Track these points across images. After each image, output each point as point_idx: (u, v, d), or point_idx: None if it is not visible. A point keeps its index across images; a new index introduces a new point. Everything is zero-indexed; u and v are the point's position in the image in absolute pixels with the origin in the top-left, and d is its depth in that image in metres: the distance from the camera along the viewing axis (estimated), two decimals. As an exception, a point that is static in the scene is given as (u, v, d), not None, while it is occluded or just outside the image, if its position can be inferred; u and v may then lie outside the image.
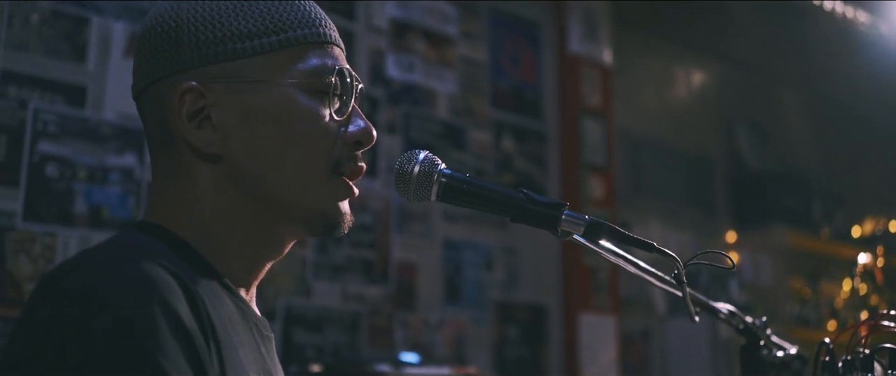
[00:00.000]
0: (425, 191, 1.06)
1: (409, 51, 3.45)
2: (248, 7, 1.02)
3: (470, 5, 3.70)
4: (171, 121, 1.00)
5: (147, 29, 1.04)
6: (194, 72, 1.00)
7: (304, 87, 1.02)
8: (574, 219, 1.05)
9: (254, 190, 1.01)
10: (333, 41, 1.07)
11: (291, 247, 1.07)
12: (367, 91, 3.28)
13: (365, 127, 1.06)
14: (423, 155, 1.08)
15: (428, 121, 3.46)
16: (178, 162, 1.02)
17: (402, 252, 3.30)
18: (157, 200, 1.03)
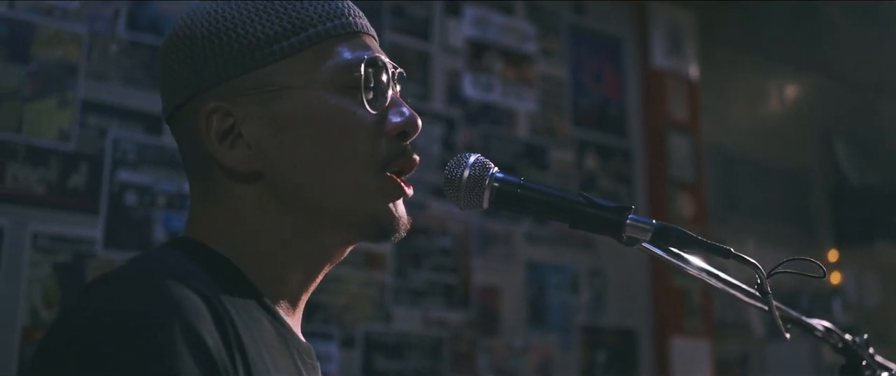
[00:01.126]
0: (476, 197, 0.98)
1: (486, 70, 3.39)
2: (266, 9, 0.95)
3: (549, 22, 3.62)
4: (202, 144, 0.94)
5: (164, 47, 0.99)
6: (217, 89, 0.94)
7: (333, 85, 0.94)
8: (640, 224, 0.95)
9: (299, 202, 0.94)
10: (362, 29, 0.99)
11: (370, 273, 0.99)
12: (443, 113, 3.23)
13: (408, 115, 0.97)
14: (473, 158, 0.99)
15: (508, 141, 3.39)
16: (216, 184, 0.96)
17: (484, 275, 3.22)
18: (197, 217, 0.98)
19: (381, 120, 0.96)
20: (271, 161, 0.93)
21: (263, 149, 0.94)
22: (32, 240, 2.37)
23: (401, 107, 0.98)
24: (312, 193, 0.94)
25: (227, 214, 0.95)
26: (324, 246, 0.97)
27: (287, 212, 0.94)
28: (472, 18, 3.39)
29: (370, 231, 0.96)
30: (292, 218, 0.94)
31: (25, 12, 2.44)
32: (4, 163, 2.35)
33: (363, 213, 0.95)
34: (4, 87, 2.38)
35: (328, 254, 0.98)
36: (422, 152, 3.09)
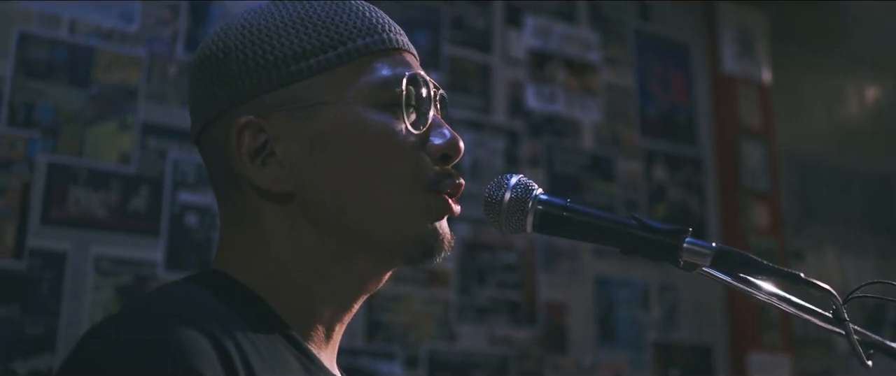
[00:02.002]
0: (519, 221, 0.92)
1: (549, 81, 3.32)
2: (303, 22, 0.90)
3: (613, 29, 3.54)
4: (232, 162, 0.89)
5: (196, 62, 0.94)
6: (250, 104, 0.89)
7: (372, 101, 0.89)
8: (698, 248, 0.87)
9: (335, 225, 0.89)
10: (402, 46, 0.94)
11: (434, 291, 0.93)
12: (506, 125, 3.17)
13: (450, 137, 0.92)
14: (515, 179, 0.93)
15: (572, 152, 3.30)
16: (246, 206, 0.91)
17: (551, 291, 3.13)
18: (225, 246, 0.93)
19: (422, 141, 0.90)
20: (305, 181, 0.88)
21: (297, 168, 0.88)
22: (95, 264, 2.38)
23: (442, 129, 0.92)
24: (350, 216, 0.88)
25: (257, 239, 0.90)
26: (359, 272, 0.91)
27: (321, 236, 0.89)
28: (533, 28, 3.33)
29: (413, 253, 0.90)
30: (326, 242, 0.89)
31: (85, 36, 2.46)
32: (67, 187, 2.37)
33: (406, 235, 0.89)
34: (66, 112, 2.40)
35: (363, 282, 0.92)
36: (484, 165, 3.03)
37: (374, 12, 0.94)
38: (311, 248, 0.89)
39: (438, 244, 0.91)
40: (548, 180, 3.20)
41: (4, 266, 2.25)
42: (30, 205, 2.32)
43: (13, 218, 2.29)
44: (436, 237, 0.90)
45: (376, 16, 0.94)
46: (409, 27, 2.98)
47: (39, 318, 2.27)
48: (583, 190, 3.27)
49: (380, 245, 0.89)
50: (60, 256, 2.33)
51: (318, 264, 0.89)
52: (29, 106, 2.36)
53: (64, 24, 2.44)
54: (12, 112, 2.33)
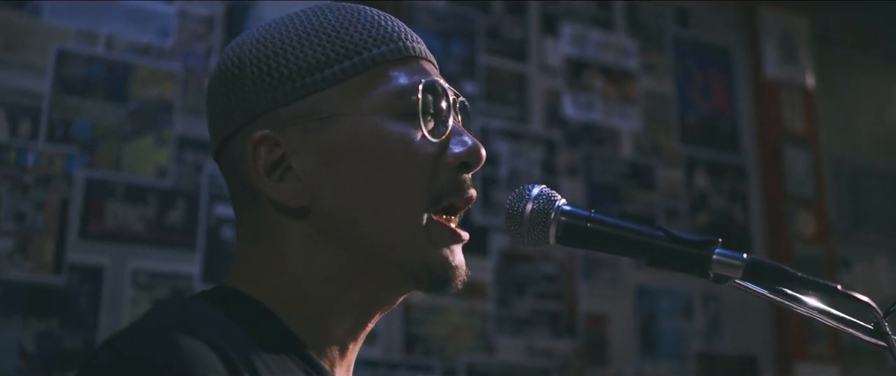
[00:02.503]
0: (541, 233, 0.88)
1: (586, 89, 3.28)
2: (316, 33, 0.88)
3: (651, 36, 3.49)
4: (249, 177, 0.87)
5: (212, 79, 0.93)
6: (265, 118, 0.87)
7: (388, 111, 0.86)
8: (728, 259, 0.83)
9: (348, 240, 0.86)
10: (419, 54, 0.91)
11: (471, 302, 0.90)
12: (543, 134, 3.13)
13: (471, 145, 0.88)
14: (537, 190, 0.90)
15: (611, 161, 3.26)
16: (264, 221, 0.89)
17: (591, 302, 3.09)
18: (241, 262, 0.91)
19: (441, 150, 0.87)
20: (321, 195, 0.86)
21: (314, 181, 0.86)
22: (132, 277, 2.39)
23: (463, 137, 0.89)
24: (362, 230, 0.86)
25: (273, 255, 0.88)
26: (373, 292, 0.89)
27: (335, 253, 0.87)
28: (569, 36, 3.29)
29: (423, 279, 0.87)
30: (340, 259, 0.87)
31: (122, 52, 2.48)
32: (104, 202, 2.39)
33: (413, 259, 0.86)
34: (103, 127, 2.42)
35: (378, 301, 0.90)
36: (521, 176, 3.00)
37: (389, 21, 0.92)
38: (327, 265, 0.87)
39: (448, 276, 0.87)
40: (586, 190, 3.16)
41: (44, 281, 2.28)
42: (68, 220, 2.34)
43: (52, 233, 2.31)
44: (445, 268, 0.87)
45: (392, 24, 0.92)
46: (444, 38, 2.99)
47: (78, 332, 2.28)
48: (622, 199, 3.22)
49: (389, 265, 0.87)
50: (98, 270, 2.35)
51: (333, 281, 0.87)
52: (67, 122, 2.38)
53: (100, 41, 2.46)
54: (51, 128, 2.36)
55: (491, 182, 2.99)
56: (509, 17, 3.18)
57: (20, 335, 2.22)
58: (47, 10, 2.42)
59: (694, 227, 3.35)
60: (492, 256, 2.93)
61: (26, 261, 2.27)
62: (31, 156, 2.33)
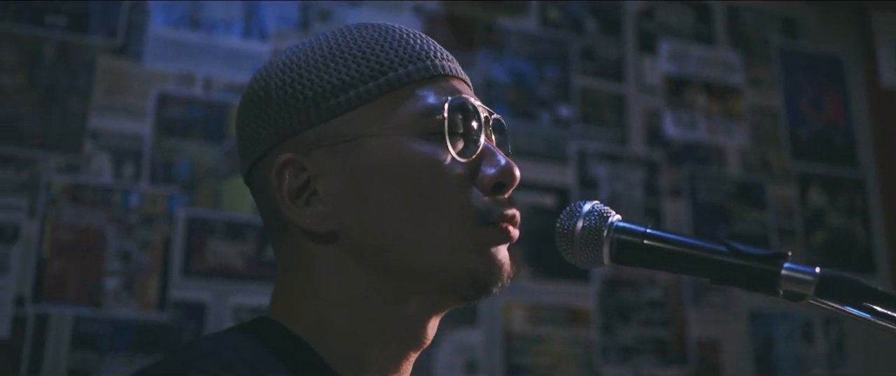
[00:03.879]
0: (594, 252, 0.83)
1: (688, 107, 3.17)
2: (342, 54, 0.86)
3: (756, 49, 3.35)
4: (275, 203, 0.86)
5: (241, 103, 0.92)
6: (290, 142, 0.85)
7: (416, 131, 0.83)
8: (799, 274, 0.76)
9: (381, 264, 0.83)
10: (449, 72, 0.88)
11: (574, 330, 0.86)
12: (643, 155, 3.04)
13: (504, 165, 0.85)
14: (588, 206, 0.85)
15: (718, 180, 3.13)
16: (295, 249, 0.86)
17: (701, 328, 2.96)
18: (277, 293, 0.89)
19: (472, 170, 0.84)
20: (350, 219, 0.83)
21: (341, 205, 0.84)
22: (234, 312, 2.42)
23: (495, 156, 0.86)
24: (396, 253, 0.83)
25: (306, 284, 0.85)
26: (410, 315, 0.85)
27: (369, 277, 0.84)
28: (668, 53, 3.20)
29: (465, 290, 0.84)
30: (375, 283, 0.84)
31: (219, 92, 2.54)
32: (205, 240, 2.44)
33: (456, 272, 0.83)
34: (203, 167, 2.48)
35: (415, 326, 0.86)
36: (622, 199, 2.92)
37: (418, 39, 0.90)
38: (360, 290, 0.84)
39: (494, 276, 0.84)
40: (691, 210, 3.04)
41: (149, 318, 2.33)
42: (171, 258, 2.40)
43: (156, 271, 2.37)
44: (489, 270, 0.84)
45: (421, 42, 0.89)
46: (537, 61, 2.95)
47: (182, 368, 2.32)
48: (731, 219, 3.09)
49: (428, 283, 0.84)
50: (201, 307, 2.39)
51: (368, 307, 0.84)
52: (168, 163, 2.45)
53: (198, 82, 2.53)
54: (153, 170, 2.43)
55: (591, 206, 2.91)
56: (604, 37, 3.12)
57: (127, 371, 2.28)
58: (147, 55, 2.50)
59: (811, 247, 3.19)
60: (594, 282, 2.85)
61: (132, 299, 2.33)
62: (135, 197, 2.40)
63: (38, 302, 2.25)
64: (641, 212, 2.98)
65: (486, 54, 2.92)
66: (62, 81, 2.41)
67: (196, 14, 2.59)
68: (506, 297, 2.72)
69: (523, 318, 2.74)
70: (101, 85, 2.44)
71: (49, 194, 2.32)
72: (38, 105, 2.37)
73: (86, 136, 2.39)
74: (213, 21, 2.60)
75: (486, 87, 2.88)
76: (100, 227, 2.35)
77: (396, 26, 0.91)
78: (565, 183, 2.92)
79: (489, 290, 0.84)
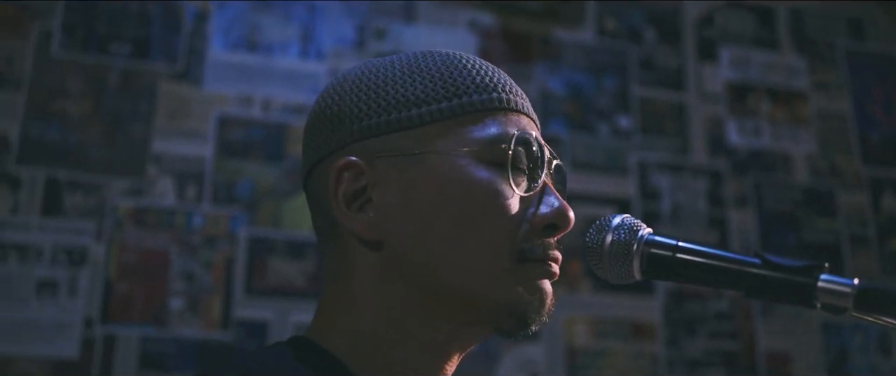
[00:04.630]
0: (624, 266, 0.81)
1: (752, 114, 3.10)
2: (419, 72, 0.87)
3: (821, 52, 3.27)
4: (330, 206, 0.85)
5: (312, 110, 0.93)
6: (355, 146, 0.85)
7: (479, 157, 0.83)
8: (836, 286, 0.73)
9: (422, 281, 0.83)
10: (519, 108, 0.88)
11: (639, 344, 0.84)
12: (706, 165, 2.99)
13: (559, 206, 0.84)
14: (617, 220, 0.83)
15: (784, 188, 3.06)
16: (340, 254, 0.87)
17: (771, 339, 2.89)
18: (318, 307, 0.89)
19: (527, 207, 0.84)
20: (399, 231, 0.83)
21: (392, 216, 0.83)
22: (295, 330, 2.44)
23: (551, 197, 0.85)
24: (438, 273, 0.82)
25: (345, 292, 0.85)
26: (446, 335, 0.84)
27: (409, 292, 0.83)
28: (729, 60, 3.14)
29: (504, 323, 0.83)
30: (414, 298, 0.83)
31: (278, 113, 2.58)
32: (266, 259, 2.47)
33: (496, 303, 0.82)
34: (263, 187, 2.52)
35: (451, 345, 0.85)
36: (685, 210, 2.87)
37: (494, 72, 0.90)
38: (400, 303, 0.84)
39: (534, 310, 0.83)
40: (758, 219, 2.97)
41: (213, 337, 2.37)
42: (233, 277, 2.43)
43: (219, 291, 2.41)
44: (532, 302, 0.83)
45: (497, 76, 0.90)
46: (595, 72, 2.92)
47: (246, 387, 2.35)
48: (800, 227, 3.01)
49: (466, 308, 0.83)
50: (263, 325, 2.42)
51: (405, 321, 0.84)
52: (229, 184, 2.49)
53: (257, 104, 2.57)
54: (215, 191, 2.47)
55: (653, 217, 2.87)
56: (663, 46, 3.08)
57: (193, 390, 2.32)
58: (207, 79, 2.55)
59: (885, 255, 3.08)
60: (658, 295, 2.80)
61: (196, 318, 2.37)
62: (198, 218, 2.44)
63: (106, 323, 2.30)
64: (705, 223, 2.92)
65: (543, 67, 2.90)
66: (126, 108, 2.47)
67: (253, 37, 2.63)
68: (568, 311, 2.70)
69: (586, 332, 2.71)
70: (163, 110, 2.50)
71: (115, 218, 2.38)
72: (103, 131, 2.44)
73: (149, 160, 2.45)
74: (270, 43, 2.64)
75: (543, 99, 2.87)
76: (164, 249, 2.40)
77: (474, 57, 0.92)
78: (626, 194, 2.88)
79: (527, 327, 0.83)
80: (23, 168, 2.36)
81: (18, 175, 2.35)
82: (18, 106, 2.40)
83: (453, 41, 2.80)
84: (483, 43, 2.86)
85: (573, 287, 2.72)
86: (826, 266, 0.74)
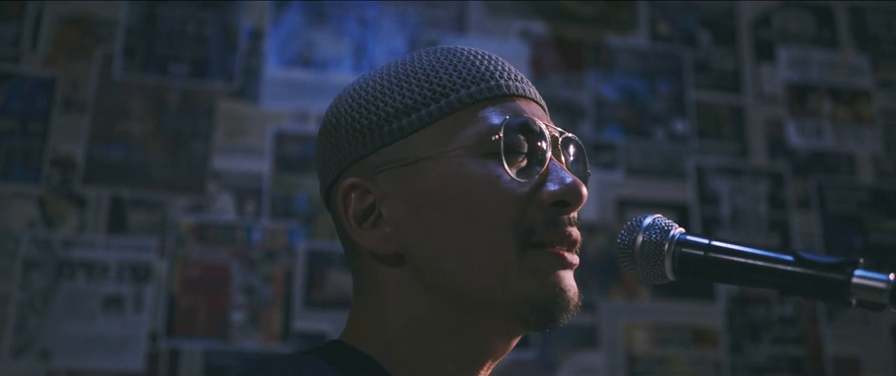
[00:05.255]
0: (656, 267, 0.80)
1: (813, 114, 3.04)
2: (407, 78, 0.87)
3: (885, 49, 3.19)
4: (344, 227, 0.87)
5: (319, 132, 0.94)
6: (356, 166, 0.86)
7: (476, 151, 0.82)
8: (871, 282, 0.71)
9: (443, 287, 0.82)
10: (515, 92, 0.86)
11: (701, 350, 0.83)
12: (766, 167, 2.94)
13: (569, 182, 0.82)
14: (648, 220, 0.82)
15: (849, 189, 2.99)
16: (366, 272, 0.88)
17: (838, 344, 2.82)
18: (351, 314, 0.90)
19: (534, 189, 0.82)
20: (413, 241, 0.83)
21: (404, 228, 0.84)
22: (354, 342, 2.47)
23: (560, 174, 0.83)
24: (456, 276, 0.82)
25: (376, 306, 0.86)
26: (478, 339, 0.84)
27: (435, 299, 0.83)
28: (788, 60, 3.08)
29: (529, 318, 0.81)
30: (441, 305, 0.83)
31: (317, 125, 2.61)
32: (324, 271, 2.50)
33: (513, 295, 0.80)
34: (320, 201, 2.55)
35: (484, 349, 0.85)
36: (745, 214, 2.82)
37: (484, 60, 0.89)
38: (427, 313, 0.84)
39: (555, 305, 0.81)
40: (822, 222, 2.91)
41: (273, 349, 2.41)
42: (292, 290, 2.47)
43: (279, 303, 2.46)
44: (550, 297, 0.81)
45: (487, 63, 0.88)
46: (649, 77, 2.90)
47: (307, 398, 2.38)
48: (866, 229, 2.94)
49: (488, 308, 0.82)
50: (321, 337, 2.45)
51: (435, 330, 0.84)
52: (286, 198, 2.54)
53: (312, 119, 2.61)
54: (273, 205, 2.52)
55: (713, 222, 2.83)
56: (718, 48, 3.04)
57: (255, 402, 2.36)
58: (263, 96, 2.61)
59: (957, 255, 2.99)
60: (720, 300, 2.76)
61: (257, 331, 2.42)
62: (257, 232, 2.49)
63: (171, 337, 2.36)
64: (766, 226, 2.87)
65: (596, 74, 2.89)
66: (186, 126, 2.54)
67: (307, 53, 2.68)
68: (627, 318, 2.67)
69: (646, 339, 2.68)
70: (221, 127, 2.56)
71: (177, 233, 2.44)
72: (164, 150, 2.51)
73: (209, 177, 2.51)
74: (323, 59, 2.69)
75: (597, 106, 2.86)
76: (225, 263, 2.45)
77: (465, 48, 0.90)
78: (685, 199, 2.85)
79: (554, 319, 0.81)
80: (89, 188, 2.44)
81: (85, 194, 2.43)
82: (84, 128, 2.48)
83: (505, 51, 2.81)
84: (535, 52, 2.86)
85: (632, 293, 2.70)
86: (860, 261, 0.72)
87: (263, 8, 2.69)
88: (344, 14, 2.75)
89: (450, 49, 0.90)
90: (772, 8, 3.14)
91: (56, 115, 2.48)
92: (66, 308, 2.33)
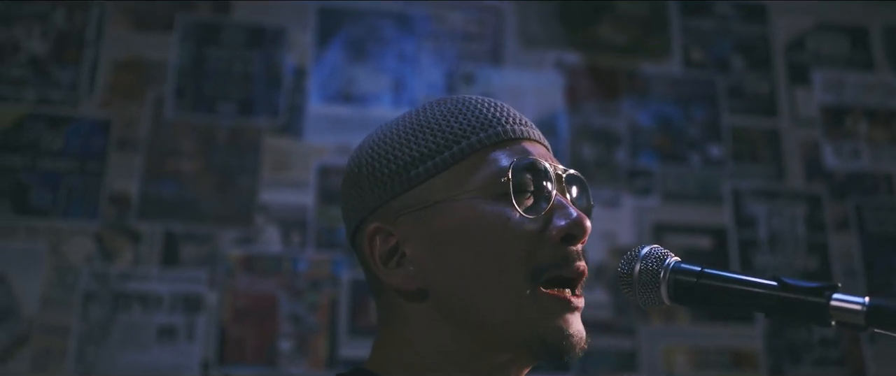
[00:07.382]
0: (653, 293, 0.87)
1: (849, 136, 3.06)
2: (422, 129, 0.95)
3: (921, 70, 3.20)
4: (371, 266, 0.95)
5: (343, 179, 1.02)
6: (380, 211, 0.95)
7: (487, 193, 0.90)
8: (848, 304, 0.77)
9: (465, 321, 0.90)
10: (520, 136, 0.95)
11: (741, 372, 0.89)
12: (803, 190, 2.96)
13: (574, 217, 0.90)
14: (646, 250, 0.89)
15: (888, 210, 2.99)
16: (391, 306, 0.96)
17: (882, 364, 2.82)
18: (376, 345, 0.98)
19: (542, 226, 0.90)
20: (435, 279, 0.91)
21: (426, 266, 0.92)
22: (398, 368, 2.54)
23: (566, 209, 0.91)
24: (476, 310, 0.90)
25: (401, 338, 0.94)
26: (494, 368, 0.92)
27: (456, 333, 0.91)
28: (823, 83, 3.11)
29: (539, 353, 0.89)
30: (463, 339, 0.91)
31: (374, 161, 2.71)
32: (368, 300, 2.58)
33: (526, 332, 0.88)
34: (362, 231, 2.64)
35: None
36: (782, 237, 2.84)
37: (491, 107, 0.97)
38: (450, 345, 0.91)
39: (565, 347, 0.88)
40: (860, 243, 2.92)
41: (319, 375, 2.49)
42: (338, 318, 2.56)
43: (324, 331, 2.54)
44: (560, 339, 0.88)
45: (494, 110, 0.97)
46: (684, 104, 2.95)
47: (352, 423, 2.46)
48: (907, 249, 2.94)
49: (503, 340, 0.90)
50: (366, 364, 2.53)
51: (457, 361, 0.91)
52: (330, 229, 2.63)
53: (354, 153, 2.71)
54: (318, 237, 2.62)
55: (750, 245, 2.86)
56: (752, 73, 3.08)
57: (303, 427, 2.44)
58: (307, 131, 2.71)
59: None
60: (759, 322, 2.78)
61: (303, 358, 2.50)
62: (302, 263, 2.59)
63: (222, 366, 2.46)
64: (805, 249, 2.89)
65: (630, 101, 2.95)
66: (234, 162, 2.65)
67: (348, 89, 2.78)
68: (666, 341, 2.71)
69: (686, 363, 2.71)
70: (267, 162, 2.66)
71: (226, 265, 2.55)
72: (214, 186, 2.62)
73: (256, 210, 2.61)
74: (364, 94, 2.79)
75: (632, 133, 2.91)
76: (272, 293, 2.55)
77: (474, 97, 0.99)
78: (722, 223, 2.88)
79: (560, 358, 0.89)
80: (143, 223, 2.55)
81: (139, 230, 2.54)
82: (137, 166, 2.60)
83: (541, 82, 2.89)
84: (570, 81, 2.93)
85: (670, 317, 2.74)
86: (838, 286, 0.78)
87: (306, 46, 2.81)
88: (383, 50, 2.85)
89: (459, 99, 0.99)
90: (806, 31, 3.18)
91: (112, 155, 2.60)
92: (123, 338, 2.44)
